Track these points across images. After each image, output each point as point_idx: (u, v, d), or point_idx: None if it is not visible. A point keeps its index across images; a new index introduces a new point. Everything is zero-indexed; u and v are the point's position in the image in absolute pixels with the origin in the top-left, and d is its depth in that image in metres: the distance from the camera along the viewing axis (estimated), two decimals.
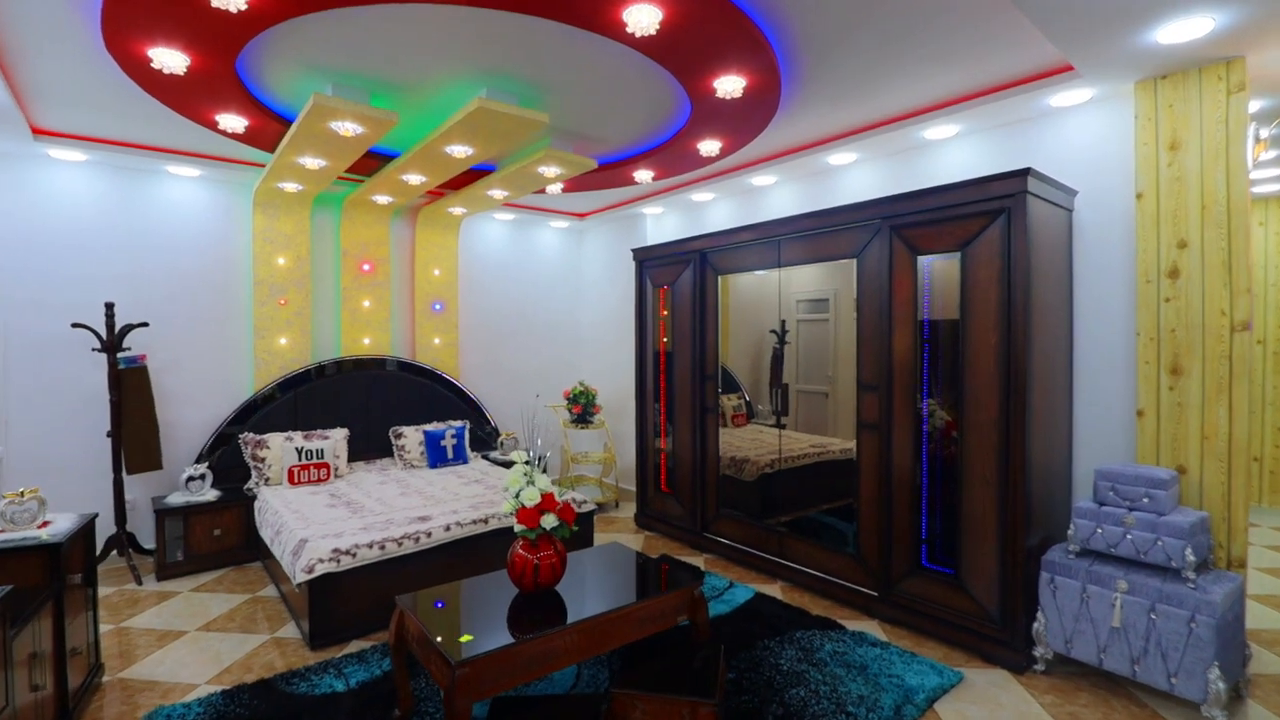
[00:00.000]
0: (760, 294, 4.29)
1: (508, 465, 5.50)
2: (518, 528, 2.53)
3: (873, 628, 3.41)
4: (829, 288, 3.94)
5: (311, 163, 3.90)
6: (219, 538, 4.33)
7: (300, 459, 4.55)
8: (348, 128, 3.27)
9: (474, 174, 4.63)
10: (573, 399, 5.83)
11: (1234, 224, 2.76)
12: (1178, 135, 2.91)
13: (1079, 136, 3.31)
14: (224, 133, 3.61)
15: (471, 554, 3.67)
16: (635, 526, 5.26)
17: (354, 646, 3.23)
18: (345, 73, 3.05)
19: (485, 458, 5.61)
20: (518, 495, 2.59)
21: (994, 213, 3.01)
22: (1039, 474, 3.04)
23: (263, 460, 4.55)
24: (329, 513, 3.85)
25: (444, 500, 4.14)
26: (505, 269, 6.26)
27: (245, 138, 3.74)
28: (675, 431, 4.90)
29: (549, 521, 2.53)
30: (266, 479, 4.53)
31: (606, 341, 6.46)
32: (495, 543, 3.76)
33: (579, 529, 4.20)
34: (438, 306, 5.67)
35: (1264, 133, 3.33)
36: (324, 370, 5.07)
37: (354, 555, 3.25)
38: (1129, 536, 2.73)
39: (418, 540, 3.46)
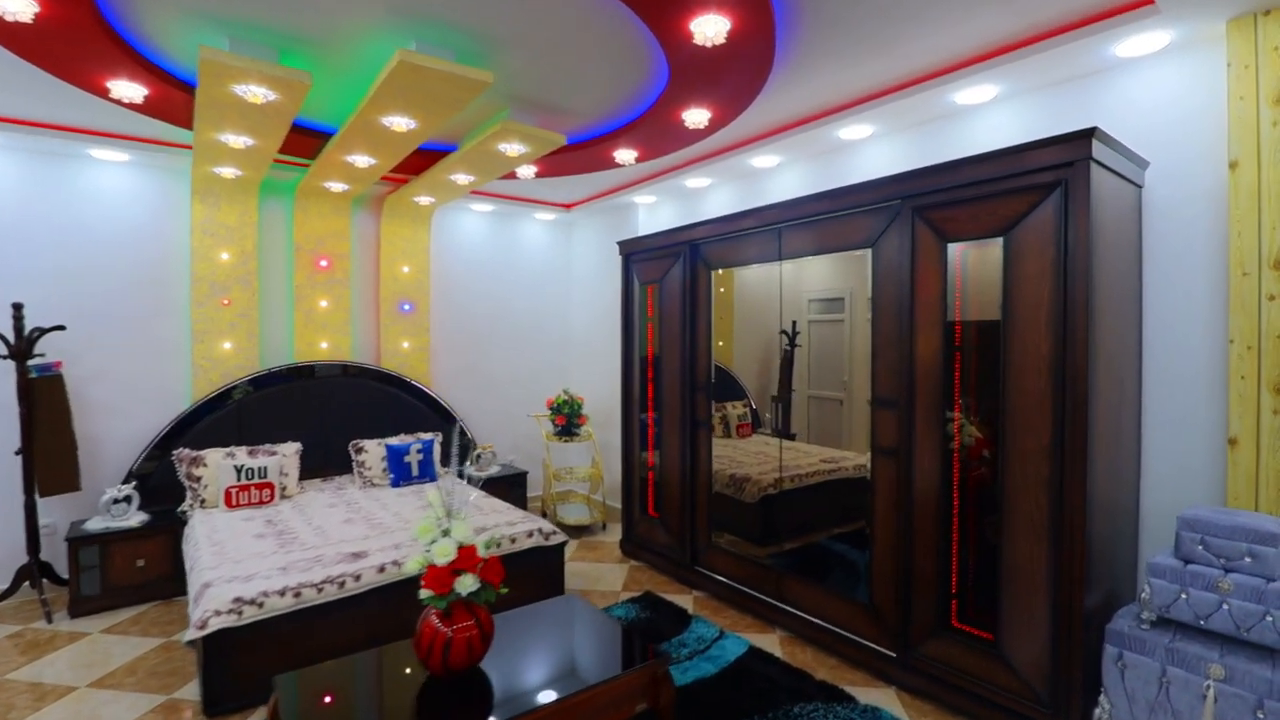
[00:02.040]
0: (769, 292, 3.71)
1: (484, 482, 4.95)
2: (424, 593, 1.96)
3: (889, 699, 2.79)
4: (844, 285, 3.36)
5: (235, 140, 3.37)
6: (142, 568, 3.83)
7: (240, 478, 4.03)
8: (254, 92, 2.73)
9: (431, 155, 4.08)
10: (555, 408, 5.26)
11: None
12: None
13: (1150, 95, 2.66)
14: (120, 103, 3.09)
15: (410, 599, 3.10)
16: (620, 554, 4.68)
17: (260, 714, 2.68)
18: (244, 23, 2.51)
19: (459, 474, 5.06)
20: (429, 548, 2.02)
21: (1047, 187, 2.38)
22: (1102, 516, 2.40)
23: (198, 480, 4.04)
24: (253, 545, 3.32)
25: (392, 529, 3.60)
26: (485, 265, 5.71)
27: (149, 109, 3.22)
28: (663, 448, 4.31)
29: (465, 585, 1.95)
30: (202, 501, 4.02)
31: (597, 345, 5.88)
32: None
33: (551, 561, 3.64)
34: (406, 307, 5.13)
35: None
36: (275, 377, 4.56)
37: (260, 605, 2.71)
38: (1226, 606, 2.09)
39: (342, 585, 2.91)
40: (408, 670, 2.09)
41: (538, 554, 3.58)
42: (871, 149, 3.70)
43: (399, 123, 3.09)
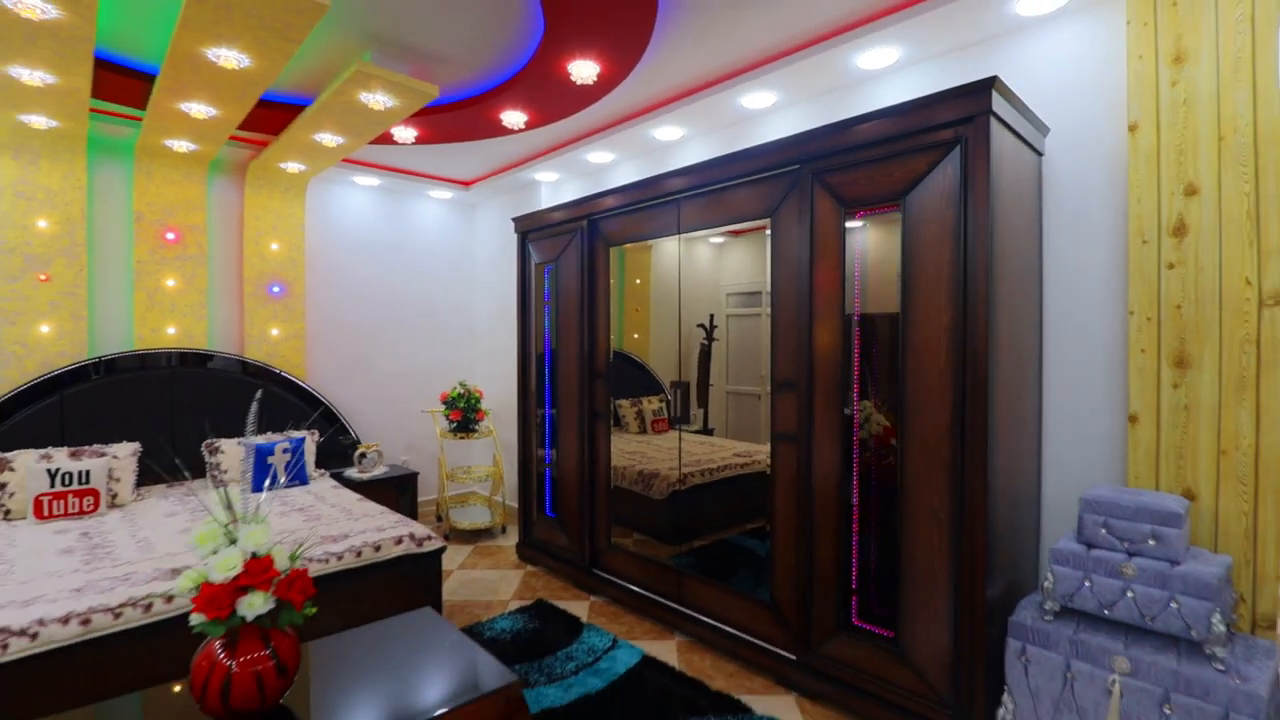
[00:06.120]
0: (687, 283, 3.46)
1: (368, 486, 4.46)
2: (194, 619, 1.54)
3: (788, 707, 2.55)
4: (761, 279, 3.15)
5: (29, 75, 2.80)
6: None
7: (54, 485, 3.40)
8: (24, 3, 2.21)
9: (290, 110, 3.59)
10: (450, 403, 4.82)
11: (1263, 159, 2.02)
12: (1184, 44, 2.15)
13: (1052, 57, 2.54)
14: None
15: None
16: (517, 558, 4.30)
17: None
18: None
19: (338, 476, 4.54)
20: (207, 560, 1.60)
21: (945, 146, 2.19)
22: (1003, 501, 2.24)
23: (2, 487, 3.39)
24: (55, 563, 2.75)
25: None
26: (372, 245, 5.19)
27: None
28: (560, 442, 3.96)
29: (254, 605, 1.55)
30: (7, 511, 3.38)
31: (502, 336, 5.46)
32: None
33: (426, 570, 3.23)
34: (276, 289, 4.57)
35: None
36: (109, 367, 3.93)
37: (34, 636, 2.19)
38: (1130, 594, 1.95)
39: (149, 608, 2.41)
40: (185, 715, 1.67)
41: (409, 563, 3.16)
42: (776, 120, 3.48)
43: (227, 56, 2.62)
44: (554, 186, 5.00)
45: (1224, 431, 2.09)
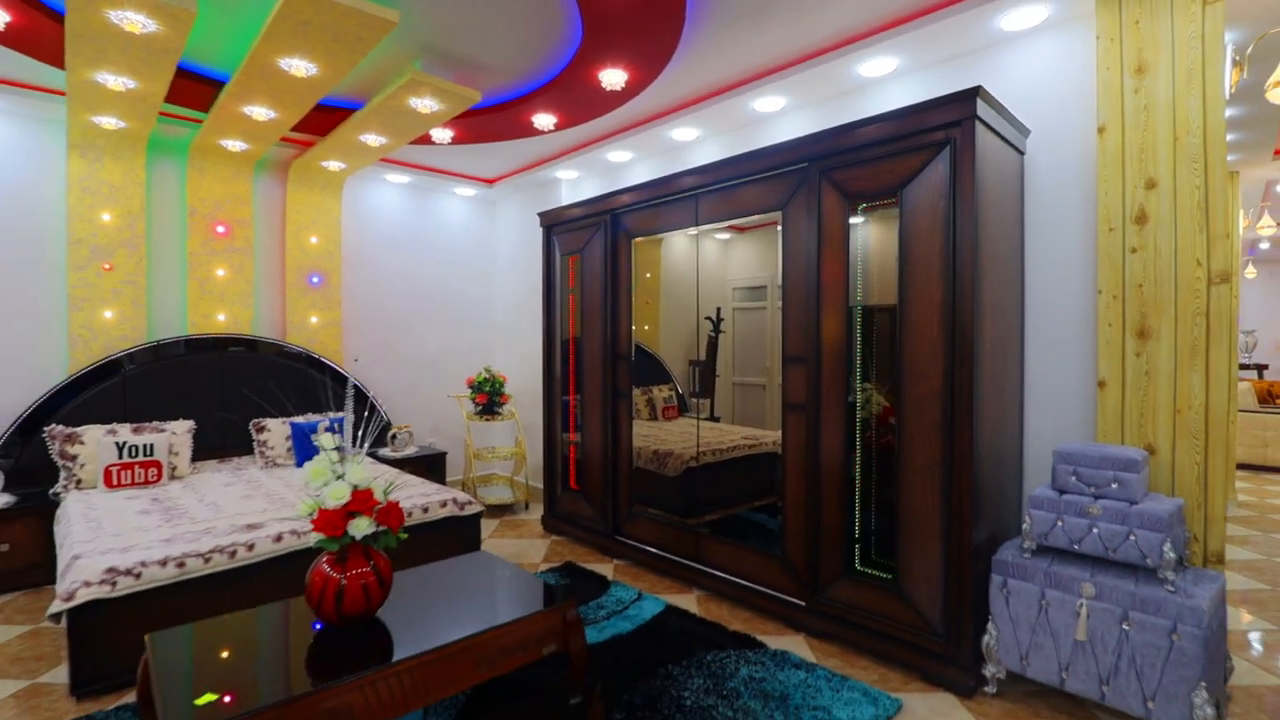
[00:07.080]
0: (695, 278, 3.76)
1: (401, 464, 4.77)
2: (315, 538, 1.85)
3: (798, 644, 2.87)
4: (765, 273, 3.46)
5: (115, 81, 3.10)
6: (7, 554, 3.46)
7: (121, 456, 3.71)
8: (132, 19, 2.52)
9: (339, 114, 3.90)
10: (476, 387, 5.13)
11: (1211, 157, 2.34)
12: (1145, 57, 2.47)
13: (1033, 68, 2.85)
14: None
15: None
16: (542, 530, 4.61)
17: (133, 695, 2.47)
18: None
19: (372, 454, 4.85)
20: (320, 491, 1.91)
21: (936, 145, 2.51)
22: (988, 457, 2.55)
23: (74, 459, 3.70)
24: (136, 521, 3.07)
25: (295, 504, 3.40)
26: (402, 240, 5.50)
27: (13, 40, 2.92)
28: (585, 421, 4.28)
29: (361, 527, 1.86)
30: (78, 481, 3.68)
31: (521, 327, 5.78)
32: None
33: (467, 531, 3.55)
34: (315, 280, 4.88)
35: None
36: (166, 350, 4.24)
37: (138, 576, 2.50)
38: (1095, 530, 2.26)
39: (234, 554, 2.72)
40: (299, 622, 1.98)
41: (453, 524, 3.48)
42: (785, 122, 3.80)
43: (298, 66, 2.93)
44: (573, 184, 5.32)
45: (1179, 393, 2.40)
